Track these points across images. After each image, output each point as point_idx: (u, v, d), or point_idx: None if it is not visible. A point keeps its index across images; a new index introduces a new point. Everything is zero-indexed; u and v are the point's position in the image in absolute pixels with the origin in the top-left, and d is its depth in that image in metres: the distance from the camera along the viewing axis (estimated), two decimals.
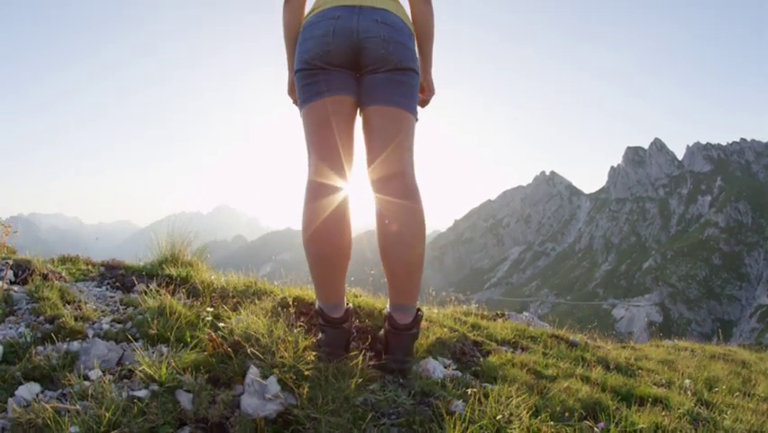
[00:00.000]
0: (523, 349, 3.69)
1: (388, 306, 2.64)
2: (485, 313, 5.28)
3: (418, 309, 2.60)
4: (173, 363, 2.03)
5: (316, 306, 2.64)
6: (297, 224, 2.68)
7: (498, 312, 5.36)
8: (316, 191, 2.51)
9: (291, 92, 2.95)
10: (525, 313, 5.53)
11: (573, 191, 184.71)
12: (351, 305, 2.75)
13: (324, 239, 2.47)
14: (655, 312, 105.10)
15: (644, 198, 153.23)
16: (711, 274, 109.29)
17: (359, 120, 2.72)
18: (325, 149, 2.57)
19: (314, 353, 2.32)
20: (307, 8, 2.75)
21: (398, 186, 2.54)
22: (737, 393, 4.07)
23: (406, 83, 2.63)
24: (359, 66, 2.63)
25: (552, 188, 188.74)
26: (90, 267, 4.34)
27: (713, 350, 7.21)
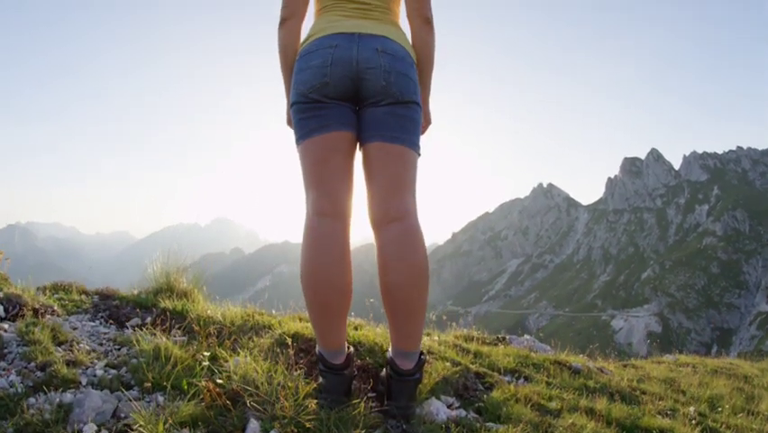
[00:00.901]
0: (526, 379, 3.62)
1: (390, 349, 2.53)
2: (486, 337, 5.21)
3: (421, 353, 2.50)
4: (170, 419, 1.91)
5: (317, 350, 2.52)
6: (295, 237, 2.58)
7: (499, 336, 5.28)
8: (315, 232, 2.38)
9: (290, 123, 2.75)
10: (525, 337, 5.45)
11: (571, 203, 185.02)
12: (352, 349, 2.62)
13: (324, 284, 2.33)
14: (654, 322, 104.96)
15: (642, 208, 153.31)
16: (710, 283, 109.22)
17: (359, 153, 2.60)
18: (324, 188, 2.44)
19: (315, 400, 2.22)
20: (304, 34, 2.62)
21: (400, 229, 2.41)
22: (741, 413, 4.03)
23: (409, 117, 2.50)
24: (358, 98, 2.51)
25: (549, 200, 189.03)
26: (83, 297, 4.26)
27: (714, 364, 7.16)
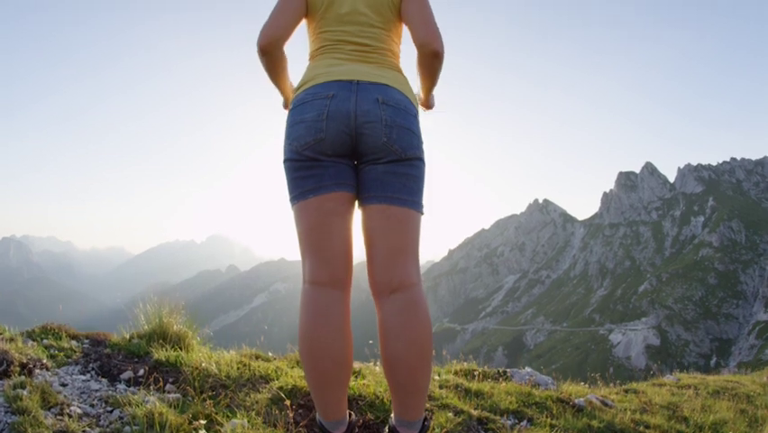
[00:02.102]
0: (529, 421, 3.54)
1: (392, 418, 2.40)
2: (487, 371, 5.12)
3: (425, 419, 2.37)
4: None
5: (317, 418, 2.39)
6: (291, 254, 2.48)
7: (500, 370, 5.19)
8: (313, 303, 2.27)
9: (287, 107, 2.68)
10: (527, 369, 5.36)
11: (567, 218, 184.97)
12: (353, 416, 2.49)
13: (323, 355, 2.21)
14: (652, 335, 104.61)
15: (638, 221, 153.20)
16: (707, 294, 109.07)
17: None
18: (321, 255, 2.31)
19: None
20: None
21: (403, 301, 2.27)
22: None
23: (411, 175, 2.36)
24: (357, 154, 2.36)
25: (545, 215, 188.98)
26: (73, 344, 4.15)
27: (716, 384, 7.09)
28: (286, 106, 2.72)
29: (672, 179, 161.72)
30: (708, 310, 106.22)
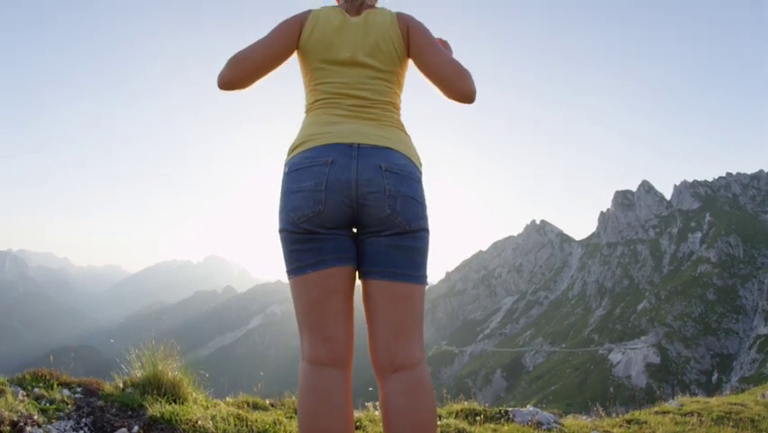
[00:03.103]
0: None
1: None
2: (488, 410, 5.02)
3: None
4: None
5: None
6: (287, 277, 2.30)
7: (502, 410, 5.09)
8: (313, 383, 2.13)
9: None
10: (529, 407, 5.27)
11: (564, 238, 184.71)
12: None
13: None
14: (653, 354, 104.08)
15: (635, 240, 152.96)
16: (707, 310, 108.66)
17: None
18: (321, 332, 2.16)
19: None
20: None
21: (407, 381, 2.13)
22: None
23: (416, 248, 2.20)
24: (358, 225, 2.21)
25: (542, 236, 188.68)
26: (65, 395, 4.03)
27: (720, 408, 6.97)
28: None
29: (668, 196, 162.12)
30: (708, 326, 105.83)
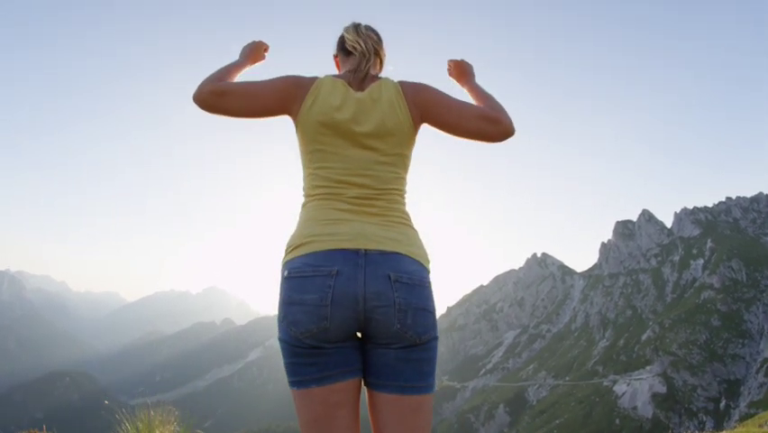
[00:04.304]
0: None
1: None
2: None
3: None
4: None
5: None
6: None
7: None
8: None
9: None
10: None
11: (566, 271, 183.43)
12: None
13: None
14: (658, 383, 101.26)
15: (637, 269, 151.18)
16: (712, 336, 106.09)
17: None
18: None
19: None
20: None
21: None
22: None
23: (426, 359, 2.03)
24: (365, 335, 2.04)
25: (544, 269, 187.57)
26: None
27: None
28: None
29: (669, 224, 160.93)
30: (713, 353, 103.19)
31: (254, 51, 2.59)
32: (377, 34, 2.40)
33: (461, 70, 2.63)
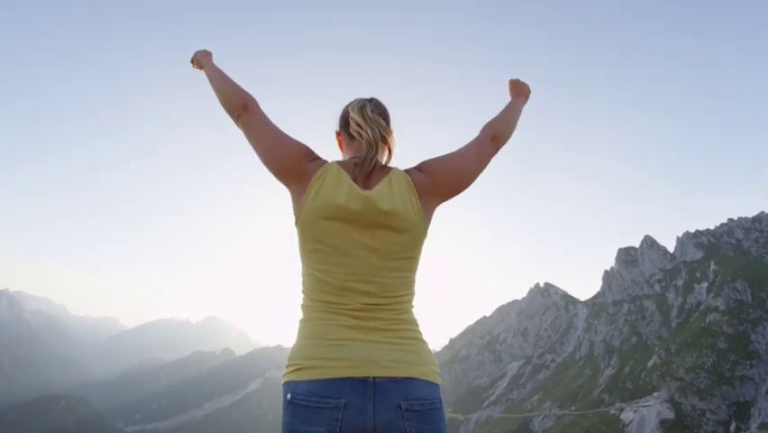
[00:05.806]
0: None
1: None
2: None
3: None
4: None
5: None
6: (287, 341, 2.02)
7: None
8: None
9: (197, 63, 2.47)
10: None
11: (569, 300, 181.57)
12: None
13: None
14: (666, 409, 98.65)
15: (641, 296, 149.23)
16: (719, 359, 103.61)
17: None
18: None
19: None
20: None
21: None
22: None
23: None
24: None
25: (547, 298, 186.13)
26: None
27: None
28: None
29: (671, 249, 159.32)
30: (721, 376, 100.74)
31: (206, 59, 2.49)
32: (385, 117, 2.16)
33: (515, 89, 2.65)
